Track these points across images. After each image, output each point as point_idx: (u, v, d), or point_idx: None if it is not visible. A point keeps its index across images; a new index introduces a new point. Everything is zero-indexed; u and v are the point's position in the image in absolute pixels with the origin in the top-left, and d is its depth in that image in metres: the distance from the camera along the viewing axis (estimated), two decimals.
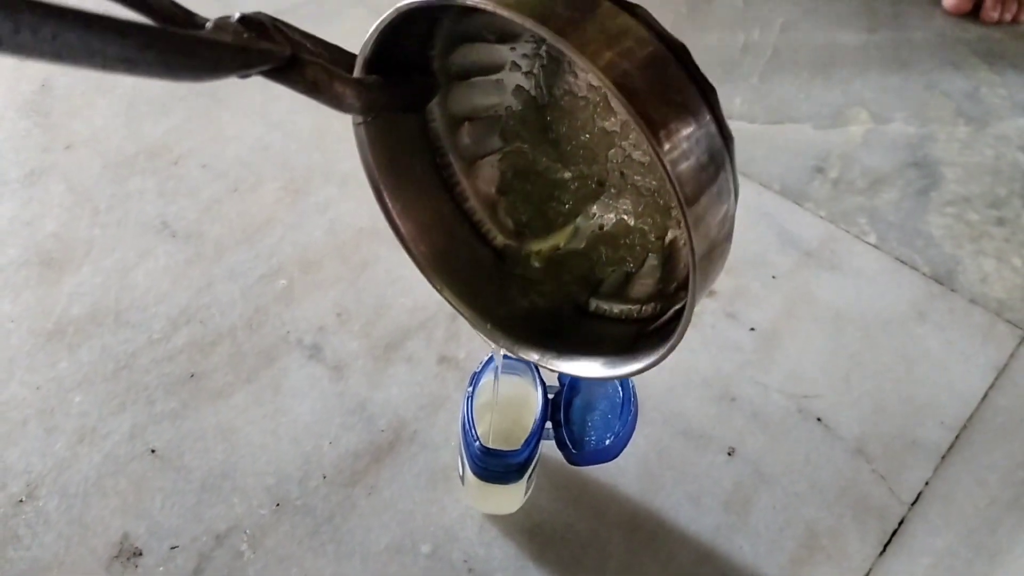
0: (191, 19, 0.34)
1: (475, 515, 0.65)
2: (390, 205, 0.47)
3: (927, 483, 0.70)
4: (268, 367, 0.72)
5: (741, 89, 1.03)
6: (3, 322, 0.74)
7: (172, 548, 0.62)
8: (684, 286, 0.42)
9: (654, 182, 0.45)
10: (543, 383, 0.58)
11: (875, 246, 0.86)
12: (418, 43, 0.41)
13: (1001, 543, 0.67)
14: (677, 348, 0.39)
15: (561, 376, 0.61)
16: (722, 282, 0.81)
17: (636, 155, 0.45)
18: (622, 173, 0.46)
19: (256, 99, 0.94)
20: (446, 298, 0.50)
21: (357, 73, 0.39)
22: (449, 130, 0.47)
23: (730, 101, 1.01)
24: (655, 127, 0.32)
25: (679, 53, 0.35)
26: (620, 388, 0.59)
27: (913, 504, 0.69)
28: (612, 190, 0.47)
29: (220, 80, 0.32)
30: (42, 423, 0.68)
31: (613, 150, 0.45)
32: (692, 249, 0.34)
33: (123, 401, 0.70)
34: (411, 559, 0.63)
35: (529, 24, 0.31)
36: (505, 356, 0.59)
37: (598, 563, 0.64)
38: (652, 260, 0.47)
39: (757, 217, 0.88)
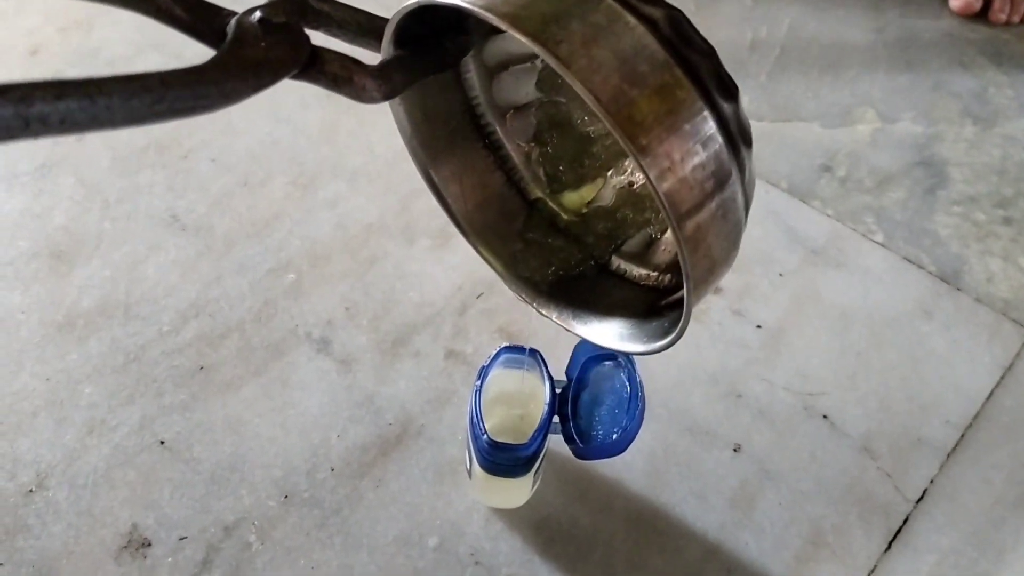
0: (217, 15, 0.34)
1: (481, 509, 0.66)
2: (424, 155, 0.47)
3: (932, 481, 0.70)
4: (277, 360, 0.73)
5: (749, 87, 1.03)
6: (14, 314, 0.75)
7: (181, 539, 0.63)
8: None
9: None
10: (551, 377, 0.59)
11: (882, 245, 0.87)
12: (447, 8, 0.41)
13: (1006, 541, 0.67)
14: (679, 342, 0.39)
15: (569, 370, 0.62)
16: (729, 279, 0.82)
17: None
18: None
19: (266, 93, 0.94)
20: (477, 250, 0.50)
21: (386, 44, 0.38)
22: (484, 80, 0.47)
23: None
24: (650, 160, 0.31)
25: (689, 52, 0.33)
26: (628, 383, 0.59)
27: (918, 502, 0.69)
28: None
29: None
30: (52, 414, 0.69)
31: None
32: (686, 273, 0.34)
33: (132, 393, 0.70)
34: (418, 552, 0.63)
35: (519, 35, 0.31)
36: (506, 348, 0.60)
37: (604, 557, 0.64)
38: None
39: (764, 215, 0.88)
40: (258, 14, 0.34)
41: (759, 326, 0.78)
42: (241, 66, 0.32)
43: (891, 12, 1.17)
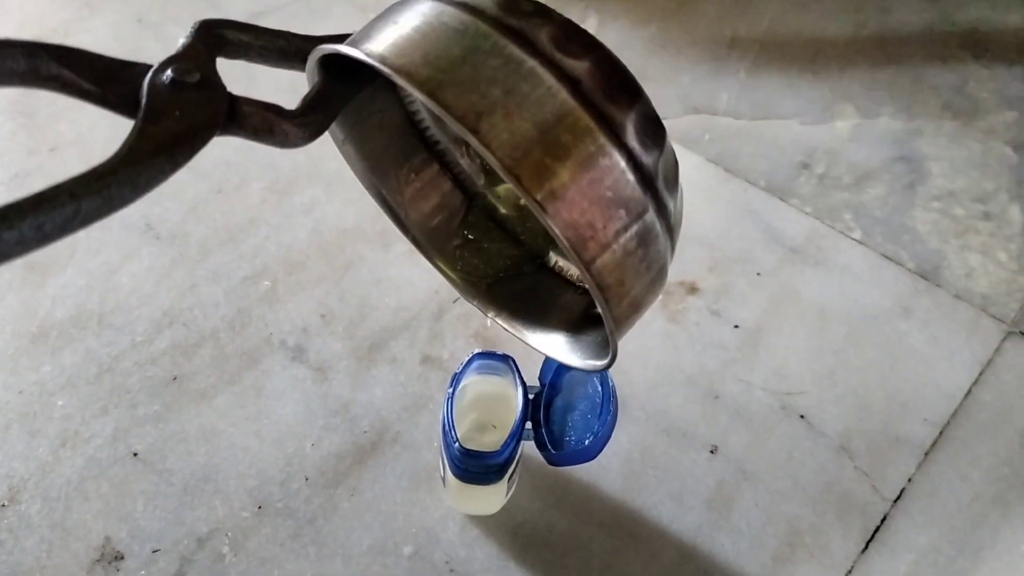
0: (128, 77, 0.33)
1: (457, 516, 0.65)
2: (369, 171, 0.47)
3: (910, 480, 0.70)
4: (251, 369, 0.72)
5: (728, 85, 1.03)
6: None
7: (154, 551, 0.62)
8: None
9: None
10: (523, 383, 0.58)
11: (860, 242, 0.86)
12: None
13: (984, 539, 0.67)
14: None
15: (542, 376, 0.61)
16: (707, 279, 0.81)
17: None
18: None
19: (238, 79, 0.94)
20: (431, 261, 0.50)
21: (310, 72, 0.37)
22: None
23: (717, 97, 1.01)
24: (573, 235, 0.31)
25: (607, 103, 0.32)
26: (600, 388, 0.59)
27: (896, 501, 0.69)
28: None
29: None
30: (25, 427, 0.68)
31: None
32: (608, 319, 0.34)
33: (106, 404, 0.70)
34: (393, 560, 0.63)
35: (440, 111, 0.30)
36: (479, 354, 0.59)
37: (580, 563, 0.64)
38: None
39: (742, 214, 0.88)
40: (169, 74, 0.32)
41: (737, 326, 0.78)
42: (154, 150, 0.30)
43: (870, 7, 1.16)
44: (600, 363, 0.40)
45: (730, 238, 0.85)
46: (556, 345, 0.45)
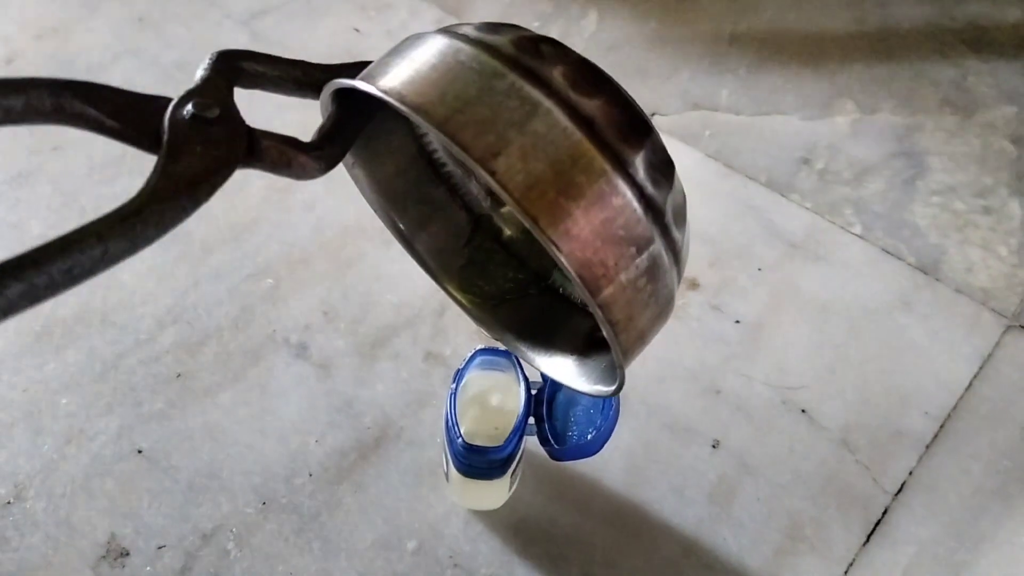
0: (150, 112, 0.33)
1: (460, 511, 0.66)
2: (365, 179, 0.47)
3: (911, 473, 0.70)
4: (254, 366, 0.73)
5: (728, 81, 1.03)
6: None
7: (159, 548, 0.63)
8: None
9: None
10: (526, 379, 0.59)
11: (861, 237, 0.87)
12: None
13: (985, 531, 0.67)
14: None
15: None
16: (707, 275, 0.82)
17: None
18: None
19: (242, 98, 0.94)
20: (441, 286, 0.51)
21: (324, 102, 0.38)
22: None
23: (717, 93, 1.01)
24: (587, 273, 0.32)
25: (621, 143, 0.33)
26: None
27: (897, 494, 0.69)
28: None
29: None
30: (29, 425, 0.68)
31: None
32: (615, 347, 0.35)
33: (110, 402, 0.70)
34: (397, 555, 0.63)
35: (455, 148, 0.31)
36: (482, 350, 0.60)
37: (583, 557, 0.64)
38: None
39: (743, 210, 0.88)
40: (190, 109, 0.33)
41: (738, 321, 0.78)
42: (177, 189, 0.31)
43: (870, 3, 1.16)
44: (608, 389, 0.41)
45: (731, 233, 0.86)
46: (564, 369, 0.45)
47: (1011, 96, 1.03)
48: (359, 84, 0.34)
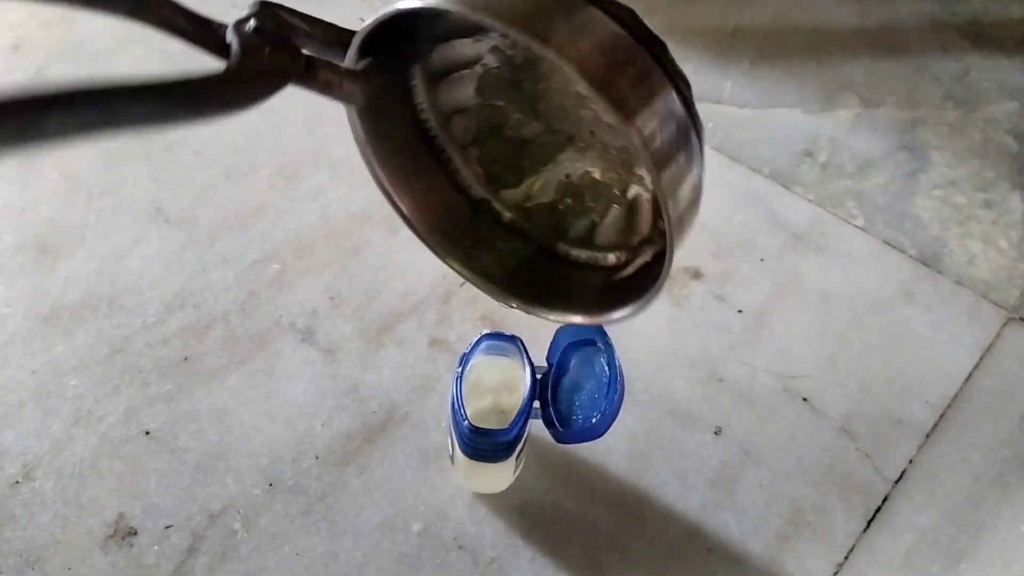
0: (212, 27, 0.36)
1: (465, 494, 0.66)
2: (377, 163, 0.49)
3: (911, 461, 0.71)
4: (261, 350, 0.73)
5: (732, 74, 1.03)
6: None
7: (167, 527, 0.63)
8: (647, 240, 0.48)
9: (620, 141, 0.47)
10: (531, 363, 0.59)
11: (863, 229, 0.87)
12: (407, 19, 0.43)
13: (984, 519, 0.68)
14: (654, 302, 0.41)
15: (550, 356, 0.62)
16: (711, 265, 0.82)
17: (606, 118, 0.47)
18: (592, 132, 0.48)
19: None
20: (433, 251, 0.52)
21: (352, 54, 0.40)
22: (428, 87, 0.49)
23: (721, 86, 1.02)
24: (623, 109, 0.35)
25: (652, 45, 0.37)
26: (607, 368, 0.60)
27: (897, 482, 0.70)
28: (580, 144, 0.49)
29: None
30: (38, 406, 0.69)
31: (584, 111, 0.48)
32: (667, 215, 0.38)
33: (118, 384, 0.71)
34: (402, 537, 0.64)
35: (498, 26, 0.34)
36: (487, 335, 0.60)
37: (586, 540, 0.65)
38: (616, 211, 0.50)
39: (746, 201, 0.89)
40: (253, 23, 0.36)
41: (740, 310, 0.79)
42: (255, 74, 0.34)
43: None
44: (647, 297, 0.45)
45: (734, 224, 0.86)
46: (585, 318, 0.48)
47: (1012, 91, 1.04)
48: (407, 5, 0.36)
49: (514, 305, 0.51)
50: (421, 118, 0.50)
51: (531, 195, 0.52)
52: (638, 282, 0.46)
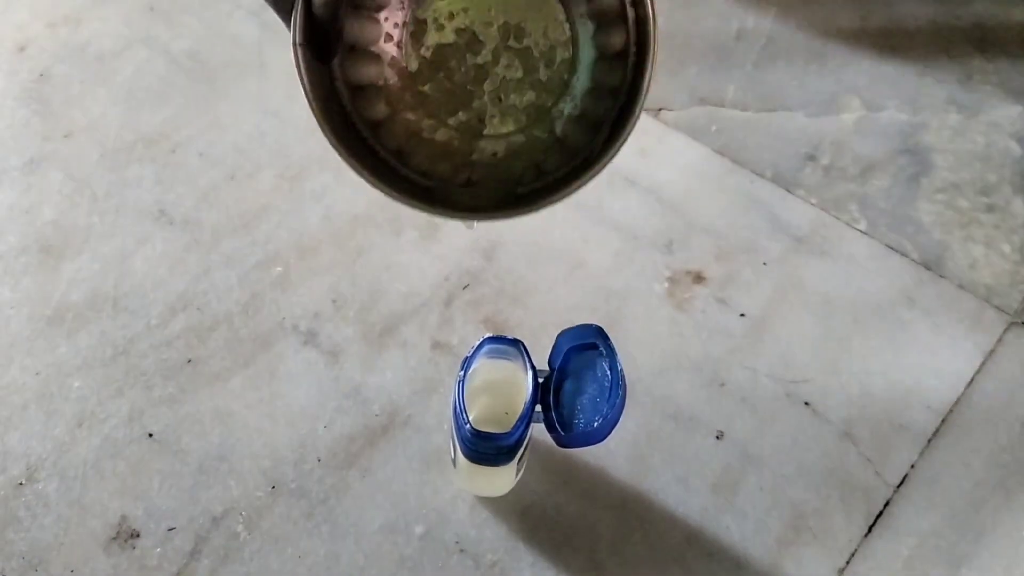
0: None
1: (467, 497, 0.66)
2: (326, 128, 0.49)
3: (913, 466, 0.71)
4: (264, 352, 0.73)
5: (735, 77, 1.03)
6: (3, 308, 0.75)
7: (169, 529, 0.64)
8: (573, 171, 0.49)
9: (531, 94, 0.49)
10: (533, 368, 0.59)
11: (865, 232, 0.87)
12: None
13: (985, 524, 0.68)
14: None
15: (551, 360, 0.62)
16: (713, 268, 0.82)
17: (510, 75, 0.49)
18: (499, 98, 0.50)
19: (253, 87, 0.95)
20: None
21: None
22: (349, 94, 0.50)
23: (723, 89, 1.02)
24: None
25: None
26: (609, 371, 0.60)
27: (899, 486, 0.70)
28: (494, 120, 0.50)
29: None
30: (42, 407, 0.69)
31: (488, 80, 0.49)
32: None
33: (121, 386, 0.71)
34: (404, 539, 0.64)
35: None
36: (489, 338, 0.60)
37: (588, 544, 0.65)
38: (549, 145, 0.51)
39: (749, 204, 0.89)
40: None
41: (743, 314, 0.79)
42: None
43: (876, 1, 1.17)
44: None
45: (736, 228, 0.86)
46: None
47: (1016, 95, 1.04)
48: None
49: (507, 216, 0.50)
50: (352, 120, 0.50)
51: (474, 179, 0.52)
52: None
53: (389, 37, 0.49)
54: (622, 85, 0.49)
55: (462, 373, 0.59)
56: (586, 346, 0.61)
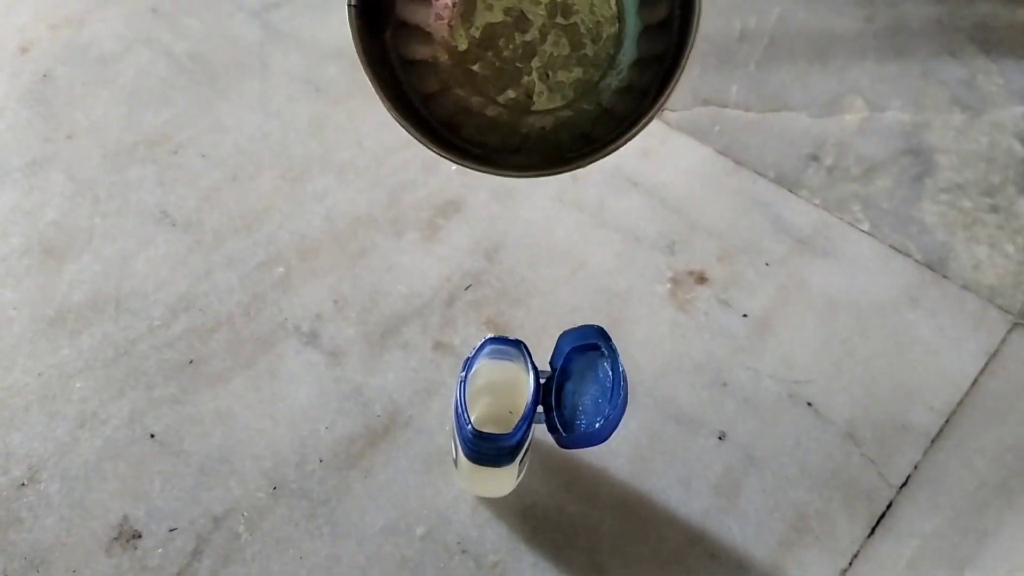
0: None
1: (468, 498, 0.66)
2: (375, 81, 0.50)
3: (916, 467, 0.71)
4: (265, 353, 0.73)
5: (738, 77, 1.03)
6: (5, 309, 0.75)
7: (171, 530, 0.64)
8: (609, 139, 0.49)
9: (578, 70, 0.50)
10: (535, 368, 0.59)
11: (869, 233, 0.87)
12: None
13: (988, 525, 0.68)
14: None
15: (553, 361, 0.62)
16: (716, 269, 0.82)
17: (557, 52, 0.50)
18: (547, 74, 0.50)
19: (255, 89, 0.95)
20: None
21: None
22: (401, 68, 0.51)
23: (726, 89, 1.02)
24: None
25: None
26: (611, 372, 0.59)
27: (902, 487, 0.69)
28: (542, 96, 0.51)
29: None
30: (44, 408, 0.69)
31: (536, 57, 0.50)
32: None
33: (123, 387, 0.71)
34: (406, 540, 0.64)
35: None
36: (491, 339, 0.60)
37: (589, 544, 0.65)
38: (596, 116, 0.52)
39: (751, 205, 0.89)
40: None
41: (745, 315, 0.79)
42: None
43: (880, 1, 1.17)
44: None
45: (739, 229, 0.86)
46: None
47: (1020, 95, 1.03)
48: None
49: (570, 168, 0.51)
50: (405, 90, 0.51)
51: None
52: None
53: (439, 16, 0.50)
54: (667, 52, 0.49)
55: (464, 374, 0.59)
56: (588, 347, 0.61)
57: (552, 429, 0.60)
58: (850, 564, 0.65)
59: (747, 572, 0.65)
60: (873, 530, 0.67)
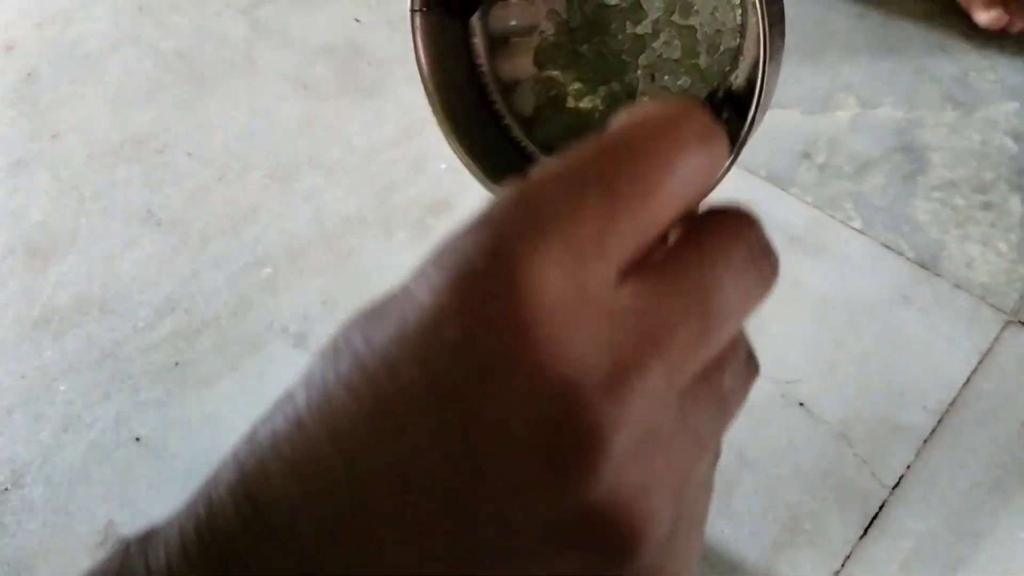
0: None
1: None
2: (437, 98, 0.47)
3: (909, 467, 0.70)
4: (253, 355, 0.73)
5: None
6: None
7: None
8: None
9: (686, 79, 0.46)
10: None
11: (860, 231, 0.87)
12: None
13: (983, 526, 0.67)
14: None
15: None
16: None
17: (667, 53, 0.46)
18: (652, 76, 0.47)
19: (242, 87, 0.94)
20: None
21: None
22: (488, 50, 0.48)
23: None
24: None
25: None
26: None
27: (895, 488, 0.69)
28: (644, 99, 0.48)
29: None
30: (27, 411, 0.68)
31: (644, 54, 0.46)
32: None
33: (108, 389, 0.70)
34: None
35: None
36: None
37: None
38: None
39: (743, 203, 0.88)
40: None
41: None
42: None
43: None
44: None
45: None
46: None
47: (1013, 92, 1.03)
48: None
49: None
50: (482, 82, 0.49)
51: None
52: None
53: None
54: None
55: None
56: None
57: None
58: (843, 565, 0.65)
59: (739, 574, 0.64)
60: (866, 531, 0.67)
